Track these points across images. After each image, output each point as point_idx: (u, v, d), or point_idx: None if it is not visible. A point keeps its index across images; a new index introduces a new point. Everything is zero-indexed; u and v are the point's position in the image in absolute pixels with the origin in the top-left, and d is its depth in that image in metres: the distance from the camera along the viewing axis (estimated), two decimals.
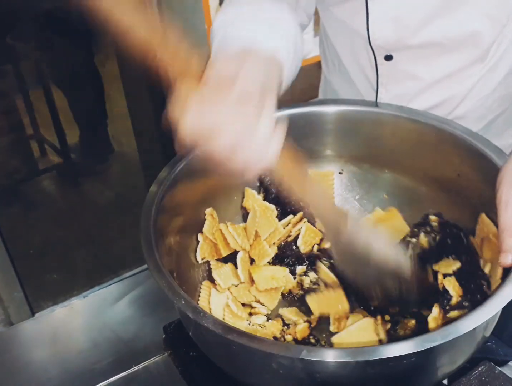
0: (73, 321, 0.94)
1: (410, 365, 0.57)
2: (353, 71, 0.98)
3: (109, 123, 2.41)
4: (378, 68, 0.93)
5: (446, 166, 0.83)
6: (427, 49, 0.87)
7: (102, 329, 0.90)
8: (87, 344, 0.88)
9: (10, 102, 2.19)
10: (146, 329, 0.89)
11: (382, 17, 0.86)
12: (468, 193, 0.81)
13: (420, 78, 0.91)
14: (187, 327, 0.71)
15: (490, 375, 0.63)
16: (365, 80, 0.97)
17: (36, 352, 0.88)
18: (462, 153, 0.80)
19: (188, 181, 0.82)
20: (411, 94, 0.93)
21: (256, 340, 0.57)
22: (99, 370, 0.82)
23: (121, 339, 0.88)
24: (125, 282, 1.00)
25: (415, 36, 0.86)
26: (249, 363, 0.63)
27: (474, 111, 0.93)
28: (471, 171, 0.80)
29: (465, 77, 0.89)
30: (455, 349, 0.61)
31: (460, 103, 0.92)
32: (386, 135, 0.87)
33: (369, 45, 0.90)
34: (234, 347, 0.60)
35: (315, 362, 0.55)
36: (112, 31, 0.57)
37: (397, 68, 0.91)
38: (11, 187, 2.21)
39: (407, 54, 0.89)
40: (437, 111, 0.93)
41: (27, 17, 2.03)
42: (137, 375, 0.81)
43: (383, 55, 0.90)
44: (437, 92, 0.92)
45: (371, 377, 0.57)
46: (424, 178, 0.87)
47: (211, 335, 0.61)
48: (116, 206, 2.39)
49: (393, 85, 0.93)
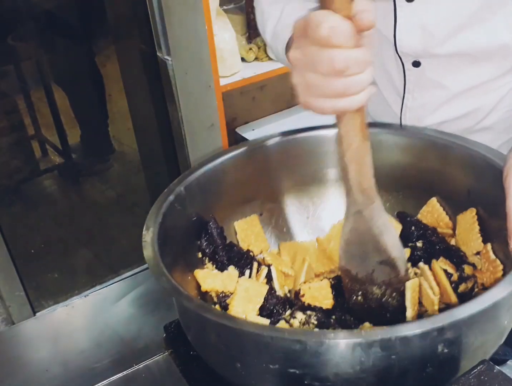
0: (74, 321, 0.94)
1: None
2: (379, 76, 0.96)
3: (110, 123, 2.42)
4: (405, 74, 0.91)
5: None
6: (454, 59, 0.86)
7: (103, 329, 0.90)
8: (88, 343, 0.88)
9: (12, 102, 2.19)
10: (147, 328, 0.89)
11: (409, 24, 0.84)
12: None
13: (447, 87, 0.89)
14: (185, 329, 0.72)
15: (489, 374, 0.63)
16: (391, 86, 0.95)
17: (37, 351, 0.88)
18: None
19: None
20: (438, 103, 0.91)
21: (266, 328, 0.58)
22: (100, 369, 0.83)
23: (122, 338, 0.88)
24: (126, 281, 1.00)
25: (442, 45, 0.84)
26: (248, 361, 0.63)
27: (503, 122, 0.92)
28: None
29: (493, 89, 0.88)
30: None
31: (487, 115, 0.91)
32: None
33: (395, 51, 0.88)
34: (231, 338, 0.60)
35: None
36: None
37: (425, 75, 0.89)
38: (12, 187, 2.22)
39: (434, 62, 0.87)
40: (464, 122, 0.92)
41: (28, 18, 2.04)
42: (137, 374, 0.82)
43: (411, 61, 0.89)
44: (464, 102, 0.90)
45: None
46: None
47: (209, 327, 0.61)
48: (117, 206, 2.39)
49: (419, 92, 0.91)
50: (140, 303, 0.94)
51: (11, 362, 0.86)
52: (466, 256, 0.81)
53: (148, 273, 0.99)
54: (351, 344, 0.56)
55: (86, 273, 2.12)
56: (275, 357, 0.59)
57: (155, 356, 0.83)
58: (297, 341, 0.57)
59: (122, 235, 2.22)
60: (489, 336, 0.64)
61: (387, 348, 0.56)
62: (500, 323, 0.64)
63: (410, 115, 0.95)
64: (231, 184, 0.88)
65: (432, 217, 0.86)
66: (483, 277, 0.77)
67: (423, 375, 0.60)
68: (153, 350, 0.84)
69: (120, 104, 2.25)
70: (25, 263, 1.89)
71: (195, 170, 0.83)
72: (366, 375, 0.58)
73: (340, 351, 0.57)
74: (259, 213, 0.91)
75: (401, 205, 0.90)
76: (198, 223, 0.83)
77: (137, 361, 0.83)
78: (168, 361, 0.82)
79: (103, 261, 2.21)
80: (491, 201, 0.78)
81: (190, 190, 0.81)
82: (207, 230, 0.83)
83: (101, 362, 0.84)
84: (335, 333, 0.57)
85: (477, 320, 0.59)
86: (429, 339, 0.57)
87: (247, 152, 0.88)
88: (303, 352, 0.57)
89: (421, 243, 0.85)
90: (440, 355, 0.59)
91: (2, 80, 2.18)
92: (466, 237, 0.81)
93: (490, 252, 0.77)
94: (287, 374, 0.60)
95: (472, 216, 0.80)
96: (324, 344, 0.56)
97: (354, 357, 0.57)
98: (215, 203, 0.86)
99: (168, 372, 0.80)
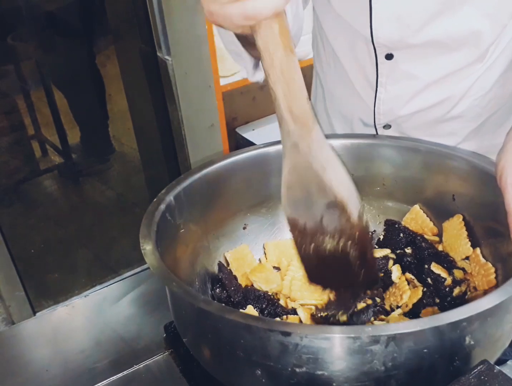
0: (74, 320, 0.94)
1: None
2: (352, 70, 0.97)
3: (109, 123, 2.42)
4: (378, 67, 0.92)
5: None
6: (427, 48, 0.87)
7: (103, 328, 0.90)
8: (88, 343, 0.88)
9: (11, 102, 2.19)
10: (147, 328, 0.89)
11: (385, 15, 0.86)
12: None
13: (419, 78, 0.91)
14: (180, 332, 0.72)
15: (489, 374, 0.63)
16: (364, 79, 0.96)
17: (37, 351, 0.88)
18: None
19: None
20: (410, 94, 0.93)
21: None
22: (100, 369, 0.83)
23: (122, 338, 0.88)
24: (126, 281, 1.00)
25: (417, 35, 0.86)
26: None
27: (471, 110, 0.94)
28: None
29: (463, 77, 0.90)
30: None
31: (458, 103, 0.93)
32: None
33: (370, 44, 0.90)
34: (223, 328, 0.58)
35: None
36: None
37: (397, 67, 0.91)
38: (12, 187, 2.22)
39: (407, 53, 0.89)
40: (436, 111, 0.94)
41: (28, 18, 2.04)
42: (138, 374, 0.81)
43: (384, 54, 0.90)
44: (436, 91, 0.92)
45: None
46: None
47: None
48: (117, 206, 2.39)
49: (392, 85, 0.93)
50: (140, 303, 0.94)
51: (11, 362, 0.86)
52: (455, 261, 0.80)
53: (148, 273, 0.99)
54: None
55: (86, 273, 2.12)
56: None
57: (155, 356, 0.83)
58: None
59: (122, 235, 2.22)
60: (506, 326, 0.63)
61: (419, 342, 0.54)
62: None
63: (384, 107, 0.96)
64: (218, 195, 0.86)
65: (416, 224, 0.86)
66: (475, 281, 0.77)
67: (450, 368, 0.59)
68: (153, 350, 0.84)
69: (120, 104, 2.25)
70: (25, 263, 1.90)
71: (182, 181, 0.81)
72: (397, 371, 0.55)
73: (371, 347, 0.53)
74: (243, 225, 0.90)
75: (386, 213, 0.90)
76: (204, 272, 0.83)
77: (137, 361, 0.83)
78: (168, 361, 0.82)
79: (103, 261, 2.22)
80: (477, 205, 0.78)
81: (179, 200, 0.79)
82: (219, 279, 0.83)
83: (101, 362, 0.84)
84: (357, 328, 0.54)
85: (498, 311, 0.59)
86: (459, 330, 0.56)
87: (232, 163, 0.87)
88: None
89: (410, 249, 0.85)
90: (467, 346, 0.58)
91: (2, 80, 2.18)
92: (454, 243, 0.81)
93: (480, 256, 0.77)
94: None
95: (459, 222, 0.80)
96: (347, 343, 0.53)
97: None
98: (202, 214, 0.84)
99: (168, 372, 0.80)
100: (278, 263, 0.88)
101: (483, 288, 0.75)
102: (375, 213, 0.91)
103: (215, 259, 0.86)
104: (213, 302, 0.63)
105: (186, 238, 0.80)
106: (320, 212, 0.62)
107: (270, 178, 0.87)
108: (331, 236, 0.62)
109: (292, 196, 0.63)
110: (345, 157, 0.85)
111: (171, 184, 0.81)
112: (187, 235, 0.80)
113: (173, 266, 0.72)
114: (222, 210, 0.87)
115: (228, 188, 0.87)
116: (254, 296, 0.80)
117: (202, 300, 0.60)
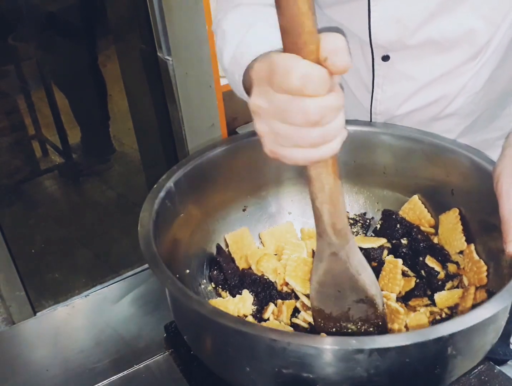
0: (74, 320, 0.94)
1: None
2: (347, 73, 0.98)
3: (110, 123, 2.42)
4: (374, 69, 0.93)
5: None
6: (423, 48, 0.88)
7: (103, 328, 0.90)
8: (89, 343, 0.88)
9: (12, 102, 2.20)
10: (147, 328, 0.89)
11: (384, 17, 0.86)
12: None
13: (415, 78, 0.91)
14: (180, 329, 0.72)
15: (490, 374, 0.64)
16: (360, 82, 0.97)
17: (37, 351, 0.88)
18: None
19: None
20: (407, 94, 0.93)
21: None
22: (100, 369, 0.83)
23: (123, 338, 0.88)
24: (127, 281, 1.00)
25: (414, 35, 0.86)
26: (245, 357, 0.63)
27: (465, 108, 0.94)
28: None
29: (458, 75, 0.90)
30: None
31: (452, 101, 0.93)
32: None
33: (368, 46, 0.90)
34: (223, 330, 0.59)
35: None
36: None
37: (393, 68, 0.91)
38: (12, 187, 2.22)
39: (404, 54, 0.90)
40: (431, 110, 0.94)
41: (29, 18, 2.04)
42: (138, 374, 0.82)
43: (381, 56, 0.91)
44: (431, 91, 0.92)
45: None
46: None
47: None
48: (117, 206, 2.39)
49: (388, 86, 0.94)
50: (140, 303, 0.95)
51: (12, 362, 0.86)
52: (449, 255, 0.82)
53: (148, 273, 0.99)
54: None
55: (86, 273, 2.12)
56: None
57: (155, 356, 0.83)
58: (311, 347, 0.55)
59: (122, 235, 2.22)
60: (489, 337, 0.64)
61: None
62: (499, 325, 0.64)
63: (381, 108, 0.97)
64: (218, 179, 0.87)
65: (414, 215, 0.87)
66: (467, 276, 0.78)
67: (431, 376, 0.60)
68: (153, 350, 0.84)
69: (121, 104, 2.25)
70: (25, 263, 1.90)
71: (182, 165, 0.82)
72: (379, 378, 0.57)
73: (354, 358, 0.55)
74: (242, 207, 0.91)
75: (385, 201, 0.91)
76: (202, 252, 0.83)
77: (137, 361, 0.83)
78: (168, 361, 0.82)
79: (103, 261, 2.22)
80: (475, 202, 0.79)
81: (179, 186, 0.80)
82: (217, 261, 0.83)
83: (101, 362, 0.84)
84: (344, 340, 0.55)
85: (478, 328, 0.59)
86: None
87: (234, 148, 0.87)
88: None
89: (406, 240, 0.86)
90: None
91: (3, 80, 2.18)
92: (449, 236, 0.82)
93: (473, 252, 0.77)
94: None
95: (455, 216, 0.81)
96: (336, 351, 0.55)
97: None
98: (203, 198, 0.85)
99: (168, 372, 0.80)
100: (277, 250, 0.89)
101: (473, 285, 0.76)
102: (374, 200, 0.93)
103: (214, 242, 0.87)
104: (206, 303, 0.63)
105: (186, 221, 0.81)
106: (347, 305, 0.70)
107: (271, 162, 0.88)
108: (354, 323, 0.71)
109: (324, 293, 0.71)
110: (348, 144, 0.87)
111: (172, 169, 0.81)
112: (187, 219, 0.81)
113: (171, 249, 0.73)
114: (222, 193, 0.87)
115: (229, 172, 0.87)
116: (251, 280, 0.82)
117: (195, 300, 0.61)
